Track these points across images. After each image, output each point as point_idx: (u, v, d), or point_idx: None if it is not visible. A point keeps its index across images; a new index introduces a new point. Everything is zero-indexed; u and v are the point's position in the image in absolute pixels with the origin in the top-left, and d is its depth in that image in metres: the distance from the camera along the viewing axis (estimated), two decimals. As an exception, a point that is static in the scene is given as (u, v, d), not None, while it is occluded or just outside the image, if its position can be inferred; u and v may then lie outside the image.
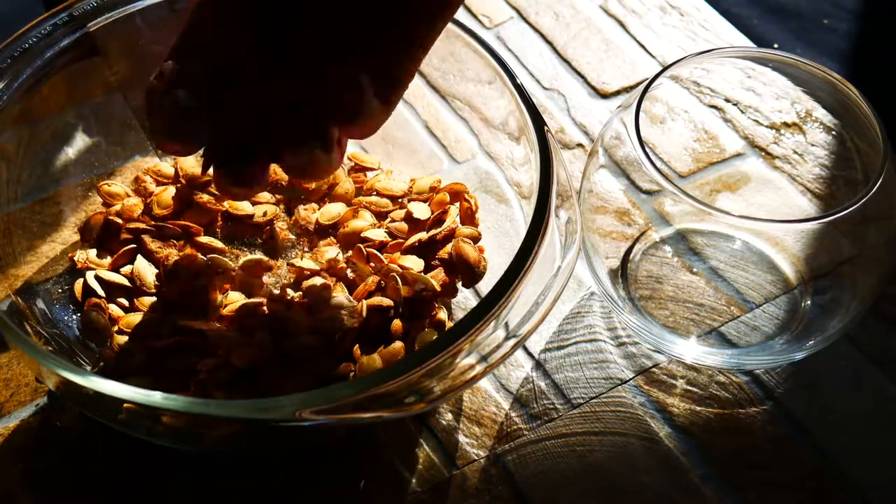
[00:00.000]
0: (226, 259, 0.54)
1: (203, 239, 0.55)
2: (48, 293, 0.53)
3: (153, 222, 0.55)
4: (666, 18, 0.70)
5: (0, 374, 0.52)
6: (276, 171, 0.59)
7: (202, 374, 0.46)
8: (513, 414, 0.50)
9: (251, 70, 0.43)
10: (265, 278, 0.53)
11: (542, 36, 0.69)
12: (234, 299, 0.52)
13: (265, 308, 0.51)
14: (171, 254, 0.54)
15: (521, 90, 0.50)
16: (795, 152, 0.58)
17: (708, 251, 0.55)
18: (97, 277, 0.53)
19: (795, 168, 0.58)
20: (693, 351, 0.50)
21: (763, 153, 0.59)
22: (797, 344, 0.49)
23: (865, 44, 0.75)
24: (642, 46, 0.68)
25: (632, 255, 0.55)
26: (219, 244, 0.55)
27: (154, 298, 0.53)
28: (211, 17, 0.44)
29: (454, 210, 0.55)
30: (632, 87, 0.65)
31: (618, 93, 0.65)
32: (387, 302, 0.50)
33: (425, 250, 0.53)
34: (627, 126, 0.48)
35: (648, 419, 0.50)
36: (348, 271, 0.52)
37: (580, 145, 0.62)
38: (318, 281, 0.51)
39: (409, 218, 0.55)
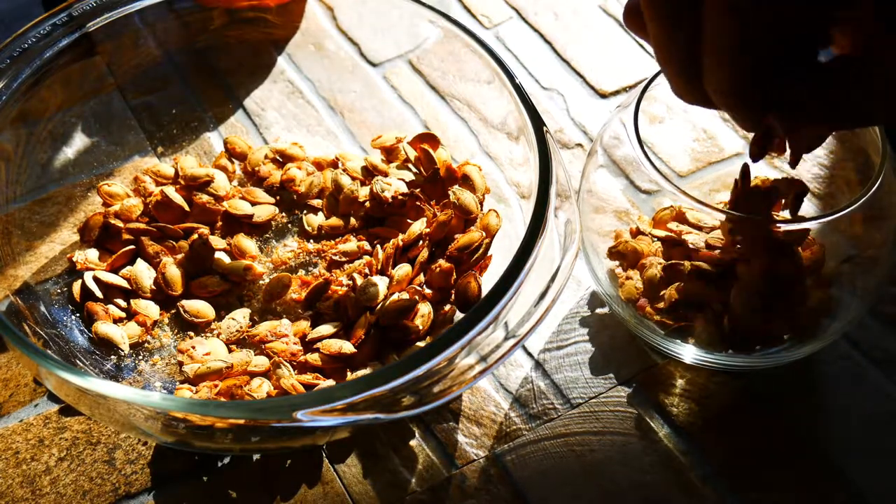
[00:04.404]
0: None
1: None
2: (47, 293, 0.53)
3: (153, 224, 0.55)
4: (665, 18, 0.70)
5: (-1, 375, 0.52)
6: (272, 174, 0.58)
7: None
8: (512, 414, 0.50)
9: None
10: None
11: (542, 36, 0.69)
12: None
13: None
14: (168, 262, 0.54)
15: (520, 90, 0.50)
16: (795, 152, 0.58)
17: (707, 251, 0.55)
18: (95, 278, 0.53)
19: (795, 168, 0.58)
20: (692, 351, 0.50)
21: (762, 153, 0.59)
22: (797, 344, 0.49)
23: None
24: (641, 46, 0.68)
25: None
26: (251, 244, 0.56)
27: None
28: None
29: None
30: (631, 87, 0.65)
31: (617, 93, 0.65)
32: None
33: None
34: (626, 126, 0.48)
35: (648, 419, 0.50)
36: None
37: (579, 145, 0.62)
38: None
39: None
